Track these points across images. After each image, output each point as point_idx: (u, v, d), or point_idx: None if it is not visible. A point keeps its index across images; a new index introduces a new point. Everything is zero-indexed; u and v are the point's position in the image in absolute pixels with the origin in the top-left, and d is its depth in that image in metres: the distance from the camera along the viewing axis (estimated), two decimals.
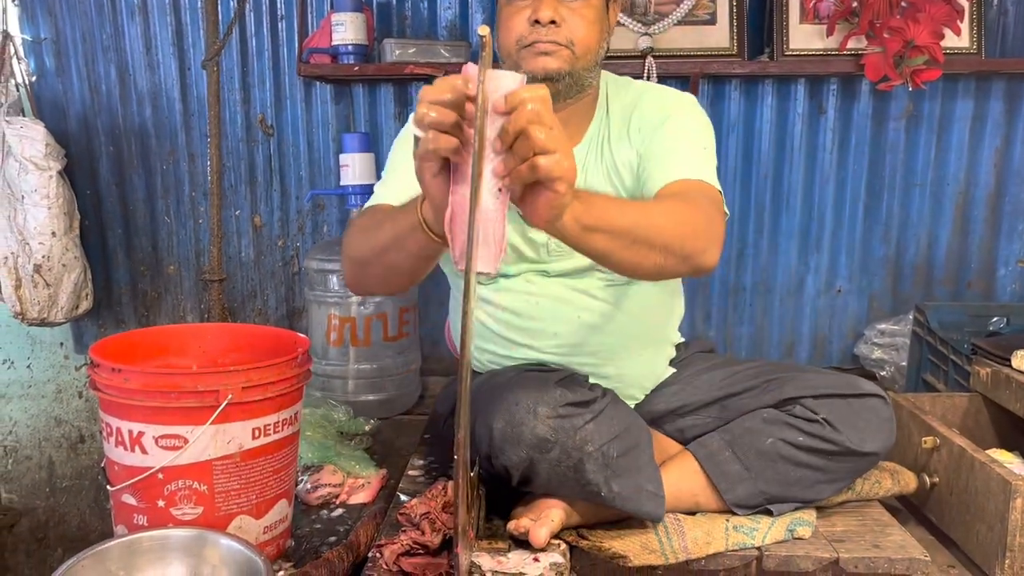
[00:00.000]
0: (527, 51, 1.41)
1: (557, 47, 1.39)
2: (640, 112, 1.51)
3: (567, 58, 1.40)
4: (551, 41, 1.39)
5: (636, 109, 1.52)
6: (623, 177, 1.50)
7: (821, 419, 1.42)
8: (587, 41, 1.42)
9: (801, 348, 2.46)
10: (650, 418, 1.58)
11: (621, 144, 1.51)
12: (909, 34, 2.08)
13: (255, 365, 1.28)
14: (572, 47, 1.40)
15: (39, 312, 2.28)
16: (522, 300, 1.55)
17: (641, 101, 1.53)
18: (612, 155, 1.51)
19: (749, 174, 2.35)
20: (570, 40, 1.40)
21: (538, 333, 1.55)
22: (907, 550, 1.38)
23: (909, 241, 2.38)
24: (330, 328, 2.14)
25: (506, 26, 1.43)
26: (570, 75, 1.42)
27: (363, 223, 1.37)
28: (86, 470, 2.68)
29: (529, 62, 1.41)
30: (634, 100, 1.54)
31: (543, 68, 1.40)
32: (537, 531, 1.29)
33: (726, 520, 1.43)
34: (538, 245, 1.53)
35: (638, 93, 1.56)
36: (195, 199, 2.47)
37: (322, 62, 2.22)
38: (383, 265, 1.29)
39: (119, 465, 1.29)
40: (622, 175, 1.50)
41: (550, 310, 1.54)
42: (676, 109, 1.51)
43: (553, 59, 1.40)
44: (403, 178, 1.46)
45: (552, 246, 1.53)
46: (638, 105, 1.52)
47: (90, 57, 2.40)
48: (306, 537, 1.47)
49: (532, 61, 1.41)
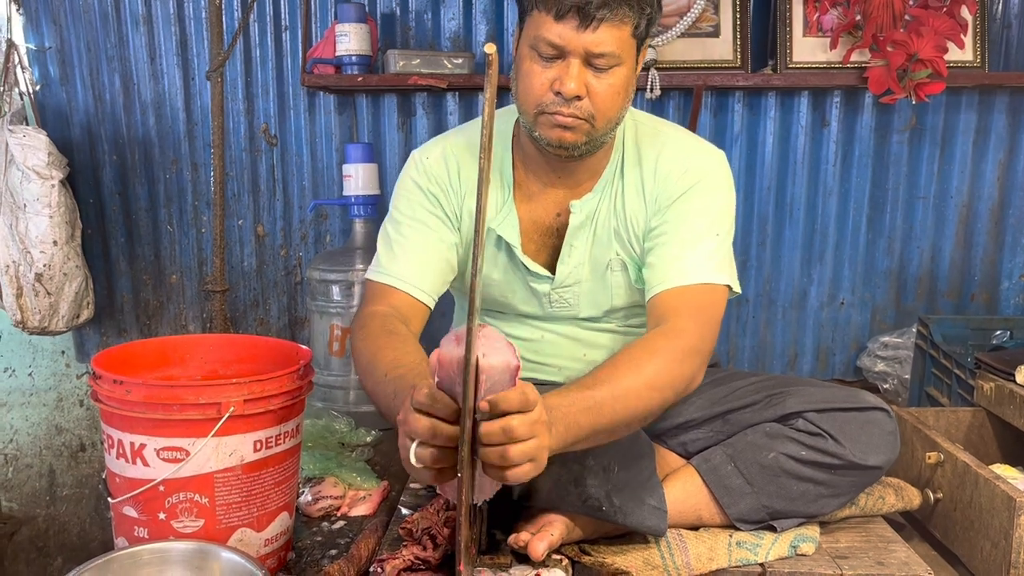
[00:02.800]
0: (545, 118, 1.34)
1: (577, 121, 1.33)
2: (659, 177, 1.45)
3: (586, 131, 1.35)
4: (572, 115, 1.32)
5: (656, 171, 1.46)
6: (631, 240, 1.48)
7: (824, 432, 1.42)
8: (609, 113, 1.35)
9: (804, 361, 2.45)
10: (653, 432, 1.58)
11: (636, 205, 1.47)
12: (913, 47, 2.08)
13: (257, 378, 1.28)
14: (592, 121, 1.34)
15: (40, 321, 2.28)
16: (528, 332, 1.58)
17: (661, 161, 1.46)
18: (624, 213, 1.48)
19: (752, 186, 2.35)
20: (591, 115, 1.33)
21: (542, 367, 1.57)
22: (911, 567, 1.37)
23: (912, 254, 2.38)
24: (332, 338, 2.14)
25: (527, 84, 1.34)
26: (587, 144, 1.38)
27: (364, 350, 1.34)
28: (87, 479, 2.68)
29: (545, 131, 1.36)
30: (655, 157, 1.46)
31: (559, 140, 1.35)
32: (536, 545, 1.28)
33: (729, 536, 1.42)
34: (540, 296, 1.54)
35: (659, 148, 1.47)
36: (198, 208, 2.47)
37: (326, 72, 2.22)
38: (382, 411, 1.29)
39: (120, 477, 1.28)
40: (631, 237, 1.48)
41: (555, 346, 1.56)
42: (696, 181, 1.43)
43: (571, 133, 1.34)
44: (410, 249, 1.47)
45: (554, 297, 1.53)
46: (658, 166, 1.46)
47: (94, 66, 2.41)
48: (307, 550, 1.46)
49: (548, 131, 1.35)
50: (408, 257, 1.46)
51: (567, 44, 1.28)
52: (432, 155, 1.52)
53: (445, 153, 1.51)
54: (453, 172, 1.50)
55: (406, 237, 1.48)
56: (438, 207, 1.49)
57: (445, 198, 1.50)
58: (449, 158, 1.51)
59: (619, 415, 1.17)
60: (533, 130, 1.38)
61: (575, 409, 1.12)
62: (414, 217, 1.49)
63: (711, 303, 1.38)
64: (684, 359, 1.27)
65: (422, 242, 1.47)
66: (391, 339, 1.32)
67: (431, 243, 1.48)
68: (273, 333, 2.52)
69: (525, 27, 1.35)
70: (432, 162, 1.51)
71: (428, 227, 1.48)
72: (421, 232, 1.48)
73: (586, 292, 1.53)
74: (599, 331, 1.57)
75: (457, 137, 1.55)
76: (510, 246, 1.51)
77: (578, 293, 1.53)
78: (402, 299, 1.43)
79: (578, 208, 1.48)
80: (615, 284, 1.52)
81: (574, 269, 1.51)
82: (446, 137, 1.57)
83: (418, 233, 1.48)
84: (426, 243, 1.47)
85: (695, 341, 1.31)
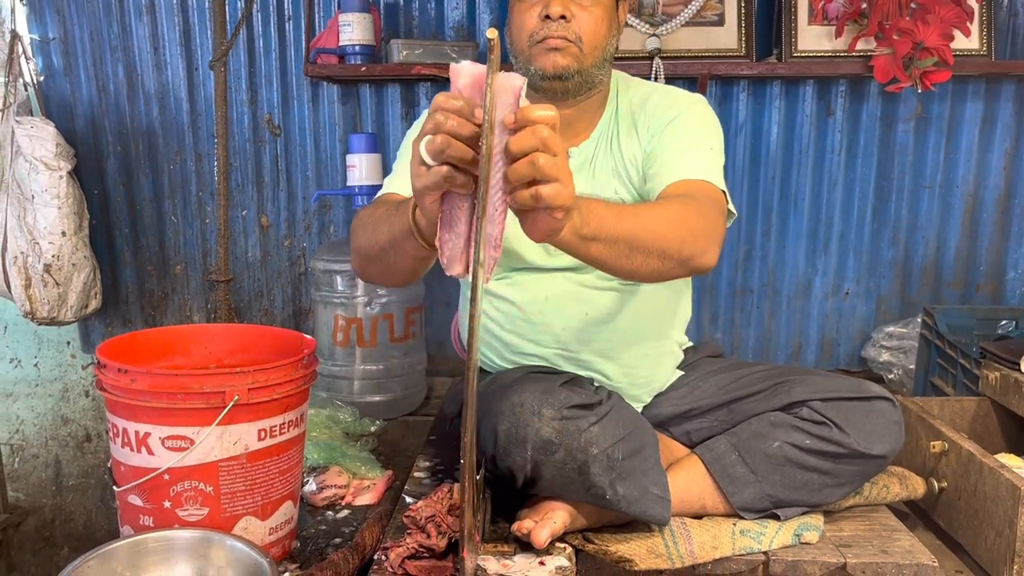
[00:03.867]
0: (539, 47, 1.45)
1: (567, 43, 1.44)
2: (648, 110, 1.54)
3: (575, 55, 1.45)
4: (561, 37, 1.43)
5: (644, 107, 1.55)
6: (630, 174, 1.53)
7: (828, 421, 1.42)
8: (595, 38, 1.46)
9: (808, 351, 2.45)
10: (657, 422, 1.58)
11: (629, 141, 1.54)
12: (918, 36, 2.07)
13: (261, 366, 1.28)
14: (580, 44, 1.44)
15: (49, 311, 2.29)
16: (530, 295, 1.56)
17: (650, 99, 1.56)
18: (620, 151, 1.54)
19: (757, 176, 2.35)
20: (578, 36, 1.44)
21: (544, 328, 1.55)
22: (915, 555, 1.37)
23: (918, 243, 2.37)
24: (336, 328, 2.14)
25: (518, 22, 1.47)
26: (579, 73, 1.46)
27: (367, 217, 1.39)
28: (92, 469, 2.69)
29: (540, 59, 1.46)
30: (643, 98, 1.56)
31: (553, 64, 1.45)
32: (539, 532, 1.29)
33: (733, 524, 1.42)
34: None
35: (647, 92, 1.58)
36: (202, 199, 2.47)
37: (329, 62, 2.22)
38: (384, 263, 1.32)
39: (125, 466, 1.29)
40: (629, 171, 1.53)
41: (556, 306, 1.54)
42: (685, 108, 1.52)
43: (563, 56, 1.44)
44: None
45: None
46: (646, 103, 1.55)
47: (98, 57, 2.40)
48: (312, 538, 1.47)
49: (543, 58, 1.45)
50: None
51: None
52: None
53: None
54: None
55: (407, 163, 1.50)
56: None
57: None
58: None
59: (640, 233, 1.18)
60: (529, 65, 1.47)
61: (602, 204, 1.15)
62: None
63: (716, 197, 1.41)
64: (701, 220, 1.30)
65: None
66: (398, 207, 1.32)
67: None
68: (277, 323, 2.52)
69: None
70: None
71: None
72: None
73: None
74: (601, 289, 1.55)
75: None
76: None
77: None
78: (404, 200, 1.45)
79: (576, 154, 1.54)
80: None
81: None
82: None
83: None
84: None
85: (710, 214, 1.33)
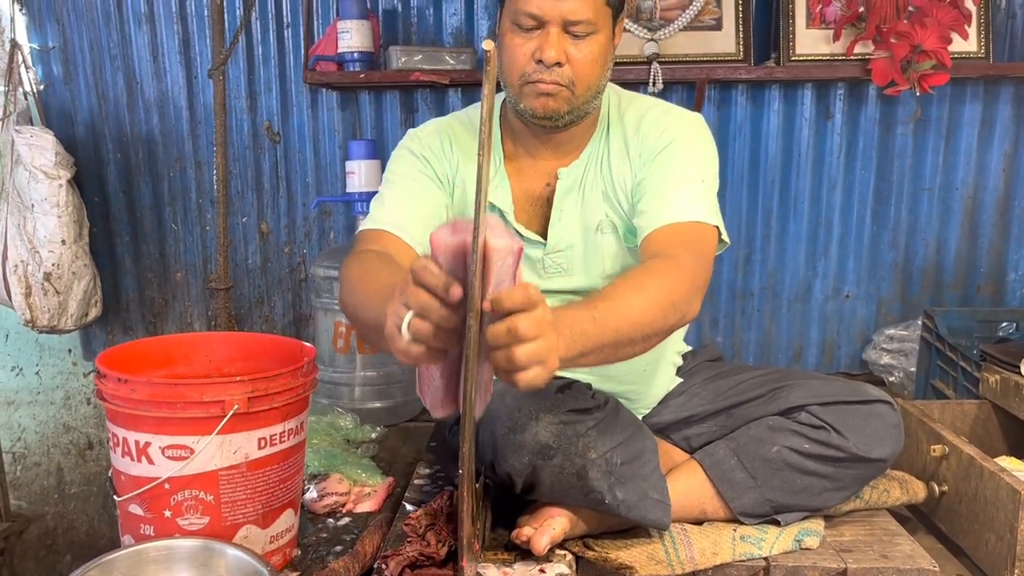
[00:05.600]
0: (530, 87, 1.41)
1: (559, 87, 1.39)
2: (642, 134, 1.50)
3: (567, 98, 1.41)
4: (553, 82, 1.39)
5: (639, 130, 1.50)
6: (619, 199, 1.50)
7: (828, 426, 1.42)
8: (589, 78, 1.41)
9: (809, 354, 2.45)
10: (657, 427, 1.58)
11: (621, 165, 1.51)
12: (916, 39, 2.07)
13: (261, 375, 1.28)
14: (573, 87, 1.40)
15: (49, 320, 2.29)
16: None
17: (644, 121, 1.51)
18: (611, 174, 1.51)
19: (756, 179, 2.35)
20: (571, 81, 1.39)
21: None
22: (916, 560, 1.37)
23: (918, 246, 2.37)
24: (336, 335, 2.14)
25: (510, 56, 1.42)
26: (569, 112, 1.43)
27: (356, 271, 1.34)
28: (94, 476, 2.69)
29: (530, 100, 1.42)
30: (637, 120, 1.52)
31: (543, 107, 1.42)
32: (538, 539, 1.28)
33: (733, 530, 1.42)
34: (534, 262, 1.54)
35: (641, 111, 1.53)
36: (202, 206, 2.48)
37: (328, 69, 2.22)
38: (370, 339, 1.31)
39: (126, 475, 1.29)
40: (619, 197, 1.50)
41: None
42: (678, 135, 1.48)
43: (554, 100, 1.41)
44: (401, 200, 1.50)
45: (548, 263, 1.53)
46: (640, 125, 1.51)
47: (97, 65, 2.41)
48: (312, 546, 1.47)
49: (533, 100, 1.42)
50: (398, 205, 1.49)
51: (544, 13, 1.36)
52: (427, 128, 1.59)
53: (439, 126, 1.58)
54: (446, 142, 1.55)
55: (396, 191, 1.52)
56: (430, 169, 1.53)
57: (437, 162, 1.54)
58: (443, 130, 1.57)
59: (624, 329, 1.16)
60: (519, 102, 1.44)
61: (581, 318, 1.11)
62: (405, 176, 1.53)
63: (702, 239, 1.39)
64: (682, 282, 1.28)
65: (414, 196, 1.51)
66: (387, 265, 1.33)
67: (423, 198, 1.51)
68: (278, 330, 2.52)
69: (506, 5, 1.42)
70: (426, 133, 1.57)
71: (420, 184, 1.52)
72: (413, 189, 1.52)
73: (578, 257, 1.54)
74: None
75: (450, 118, 1.62)
76: (503, 213, 1.53)
77: (571, 258, 1.54)
78: (394, 242, 1.44)
79: (565, 175, 1.52)
80: (606, 246, 1.53)
81: (565, 233, 1.53)
82: (440, 118, 1.64)
83: (410, 189, 1.52)
84: (418, 197, 1.51)
85: (691, 268, 1.31)
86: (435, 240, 0.97)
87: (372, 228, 1.48)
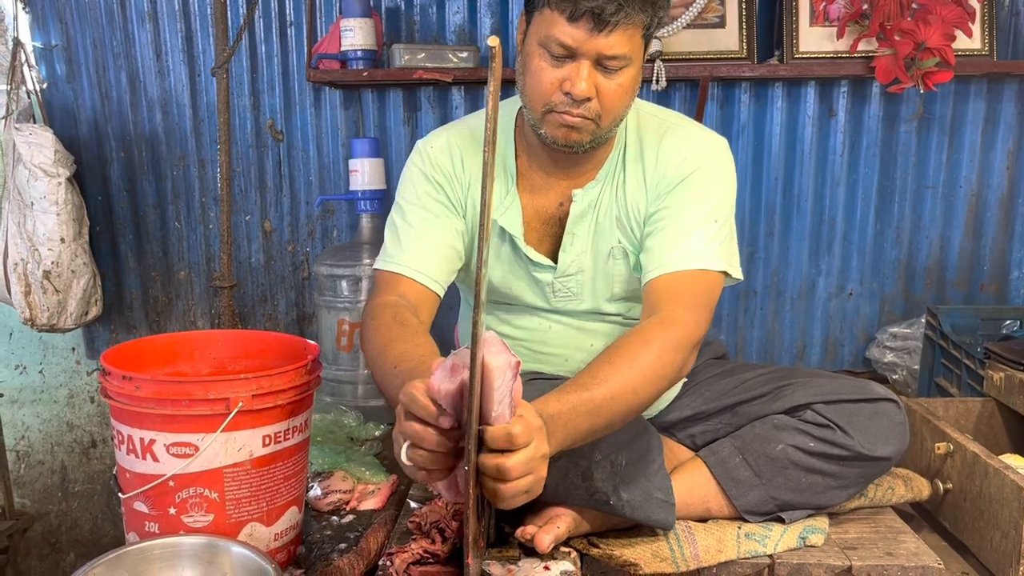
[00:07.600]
0: (553, 117, 1.35)
1: (585, 122, 1.34)
2: (661, 162, 1.46)
3: (591, 130, 1.36)
4: (580, 115, 1.33)
5: (657, 157, 1.46)
6: (632, 227, 1.49)
7: (832, 424, 1.41)
8: (616, 112, 1.37)
9: (812, 352, 2.45)
10: (662, 425, 1.58)
11: (637, 192, 1.47)
12: (920, 36, 2.07)
13: (265, 373, 1.28)
14: (599, 121, 1.35)
15: (48, 318, 2.29)
16: (535, 323, 1.57)
17: (662, 150, 1.46)
18: (626, 199, 1.48)
19: (759, 177, 2.35)
20: (599, 115, 1.34)
21: (549, 357, 1.56)
22: (920, 558, 1.37)
23: (921, 244, 2.37)
24: (340, 333, 2.14)
25: (535, 80, 1.34)
26: (591, 142, 1.39)
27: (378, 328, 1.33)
28: (98, 475, 2.70)
29: (552, 129, 1.37)
30: (656, 141, 1.47)
31: (565, 138, 1.37)
32: (542, 537, 1.28)
33: (737, 528, 1.42)
34: (543, 286, 1.54)
35: (660, 132, 1.48)
36: (205, 205, 2.48)
37: (331, 67, 2.22)
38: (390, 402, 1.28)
39: (131, 472, 1.29)
40: (632, 225, 1.48)
41: (563, 336, 1.56)
42: (697, 167, 1.43)
43: (576, 133, 1.36)
44: (416, 238, 1.47)
45: (558, 286, 1.53)
46: (659, 151, 1.46)
47: (101, 64, 2.41)
48: (317, 544, 1.47)
49: (555, 130, 1.37)
50: (415, 245, 1.46)
51: (579, 46, 1.29)
52: (436, 144, 1.53)
53: (449, 143, 1.52)
54: (457, 161, 1.51)
55: (412, 225, 1.48)
56: (443, 195, 1.50)
57: (450, 187, 1.50)
58: (453, 148, 1.51)
59: (616, 413, 1.20)
60: (539, 127, 1.39)
61: (576, 414, 1.14)
62: (420, 205, 1.49)
63: (706, 289, 1.38)
64: (677, 348, 1.28)
65: (429, 230, 1.47)
66: (402, 331, 1.31)
67: (438, 231, 1.48)
68: (281, 328, 2.53)
69: (534, 22, 1.34)
70: (436, 151, 1.52)
71: (434, 215, 1.49)
72: (427, 220, 1.48)
73: (588, 281, 1.53)
74: (604, 323, 1.57)
75: (461, 127, 1.56)
76: (512, 237, 1.51)
77: (580, 282, 1.53)
78: (411, 287, 1.43)
79: (580, 197, 1.49)
80: (616, 272, 1.52)
81: (576, 258, 1.51)
82: (450, 127, 1.58)
83: (424, 221, 1.48)
84: (433, 231, 1.48)
85: (689, 329, 1.31)
86: (433, 387, 0.98)
87: (389, 271, 1.45)
